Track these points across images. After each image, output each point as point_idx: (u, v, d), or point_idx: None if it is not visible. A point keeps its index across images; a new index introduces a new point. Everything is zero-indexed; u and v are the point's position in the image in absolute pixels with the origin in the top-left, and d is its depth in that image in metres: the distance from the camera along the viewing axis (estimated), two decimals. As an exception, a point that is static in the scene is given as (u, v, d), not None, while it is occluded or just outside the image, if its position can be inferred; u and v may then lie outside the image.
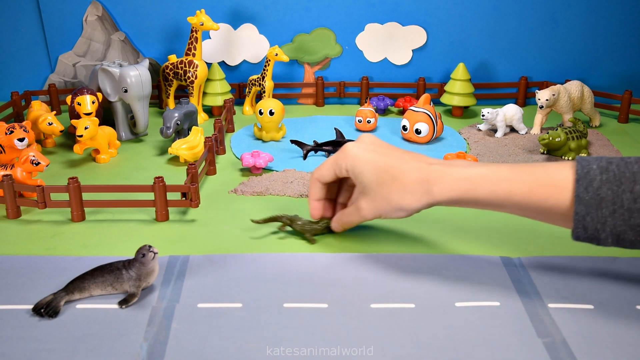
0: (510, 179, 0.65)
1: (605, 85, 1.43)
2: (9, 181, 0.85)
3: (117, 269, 0.68)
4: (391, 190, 0.70)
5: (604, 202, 0.60)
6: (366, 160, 0.72)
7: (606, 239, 0.62)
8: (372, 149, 0.73)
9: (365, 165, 0.72)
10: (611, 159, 0.63)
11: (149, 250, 0.67)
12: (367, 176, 0.72)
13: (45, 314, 0.64)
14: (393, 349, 0.60)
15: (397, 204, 0.70)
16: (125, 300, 0.67)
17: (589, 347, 0.60)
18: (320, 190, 0.79)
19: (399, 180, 0.69)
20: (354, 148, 0.74)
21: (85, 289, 0.67)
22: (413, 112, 1.16)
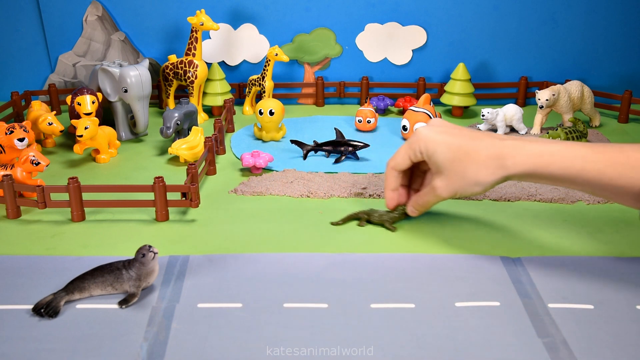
0: (585, 157, 0.67)
1: (605, 85, 1.43)
2: (9, 181, 0.85)
3: (117, 269, 0.68)
4: (466, 166, 0.72)
5: None
6: (438, 140, 0.75)
7: None
8: (443, 130, 0.76)
9: (438, 145, 0.75)
10: None
11: (149, 250, 0.67)
12: (441, 155, 0.74)
13: (45, 314, 0.64)
14: (393, 349, 0.60)
15: (473, 178, 0.72)
16: (125, 300, 0.67)
17: (589, 347, 0.60)
18: (396, 179, 0.82)
19: (473, 156, 0.72)
20: (425, 130, 0.77)
21: (85, 289, 0.67)
22: (413, 112, 1.16)
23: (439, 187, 0.76)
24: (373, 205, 0.90)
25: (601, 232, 0.84)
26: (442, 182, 0.76)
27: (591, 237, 0.82)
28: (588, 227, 0.85)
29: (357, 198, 0.95)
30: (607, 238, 0.82)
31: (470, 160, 0.72)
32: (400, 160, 0.80)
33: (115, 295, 0.68)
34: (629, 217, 0.88)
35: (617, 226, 0.86)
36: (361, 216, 0.86)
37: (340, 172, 1.04)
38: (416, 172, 0.86)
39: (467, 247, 0.80)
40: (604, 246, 0.80)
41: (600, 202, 0.93)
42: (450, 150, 0.74)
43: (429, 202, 0.80)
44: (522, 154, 0.70)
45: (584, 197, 0.94)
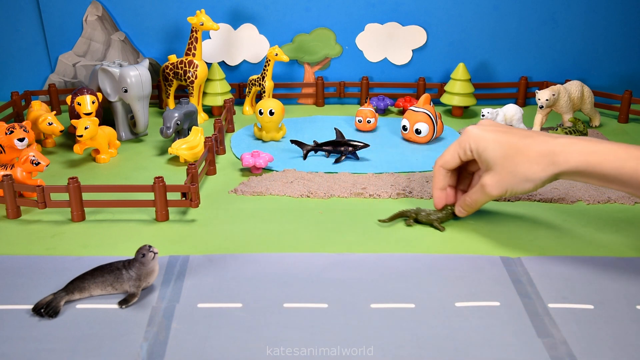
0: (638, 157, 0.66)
1: (605, 85, 1.43)
2: (9, 181, 0.85)
3: (117, 269, 0.68)
4: (517, 163, 0.72)
5: None
6: (489, 138, 0.75)
7: None
8: (492, 129, 0.76)
9: (489, 142, 0.75)
10: None
11: (149, 250, 0.67)
12: (491, 152, 0.74)
13: (45, 314, 0.64)
14: (393, 349, 0.60)
15: (524, 175, 0.72)
16: (125, 300, 0.67)
17: (589, 347, 0.60)
18: (444, 179, 0.82)
19: (524, 153, 0.72)
20: (475, 129, 0.77)
21: (85, 289, 0.67)
22: (413, 112, 1.16)
23: (489, 185, 0.76)
24: (375, 204, 0.90)
25: (601, 232, 0.84)
26: (493, 179, 0.75)
27: (591, 237, 0.82)
28: (588, 227, 0.85)
29: (357, 198, 0.95)
30: (607, 238, 0.82)
31: (521, 157, 0.72)
32: (450, 158, 0.80)
33: (115, 295, 0.68)
34: (629, 217, 0.88)
35: (617, 226, 0.86)
36: (409, 214, 0.85)
37: (340, 172, 1.04)
38: (464, 174, 0.86)
39: (467, 247, 0.80)
40: (604, 246, 0.80)
41: (600, 202, 0.93)
42: (501, 147, 0.74)
43: (478, 201, 0.80)
44: (574, 151, 0.69)
45: (584, 197, 0.94)
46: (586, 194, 0.95)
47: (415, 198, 0.95)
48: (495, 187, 0.76)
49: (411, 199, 0.94)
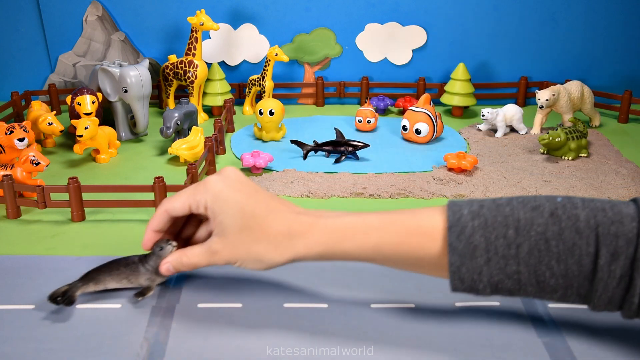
0: (379, 229, 0.60)
1: (605, 85, 1.43)
2: (9, 181, 0.85)
3: (133, 263, 0.68)
4: (255, 239, 0.62)
5: (478, 250, 0.56)
6: (230, 200, 0.63)
7: (484, 289, 0.57)
8: (238, 187, 0.64)
9: (229, 206, 0.63)
10: (483, 202, 0.59)
11: (167, 244, 0.67)
12: (230, 219, 0.62)
13: (62, 302, 0.64)
14: (393, 349, 0.60)
15: (258, 255, 0.63)
16: (141, 293, 0.67)
17: (589, 347, 0.60)
18: (164, 223, 0.67)
19: (264, 230, 0.62)
20: (218, 183, 0.64)
21: (100, 281, 0.67)
22: (413, 112, 1.16)
23: (219, 253, 0.64)
24: (375, 204, 0.90)
25: (601, 232, 0.84)
26: (224, 249, 0.64)
27: (591, 237, 0.82)
28: (588, 227, 0.85)
29: (357, 198, 0.95)
30: (607, 238, 0.82)
31: (260, 234, 0.62)
32: (179, 205, 0.65)
33: (115, 296, 0.68)
34: (629, 217, 0.88)
35: (617, 226, 0.85)
36: None
37: (340, 172, 1.04)
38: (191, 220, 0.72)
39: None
40: (604, 246, 0.80)
41: (600, 202, 0.93)
42: (242, 216, 0.62)
43: (198, 265, 0.66)
44: (315, 233, 0.61)
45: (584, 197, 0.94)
46: (586, 194, 0.95)
47: (415, 198, 0.95)
48: (225, 257, 0.64)
49: (412, 199, 0.94)
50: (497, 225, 0.56)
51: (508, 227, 0.56)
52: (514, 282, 0.56)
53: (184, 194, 0.65)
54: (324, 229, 0.62)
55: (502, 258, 0.56)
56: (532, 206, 0.57)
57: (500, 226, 0.56)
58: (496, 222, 0.56)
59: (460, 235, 0.57)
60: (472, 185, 0.98)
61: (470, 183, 0.99)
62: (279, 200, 0.65)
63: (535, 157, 1.11)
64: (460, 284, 0.58)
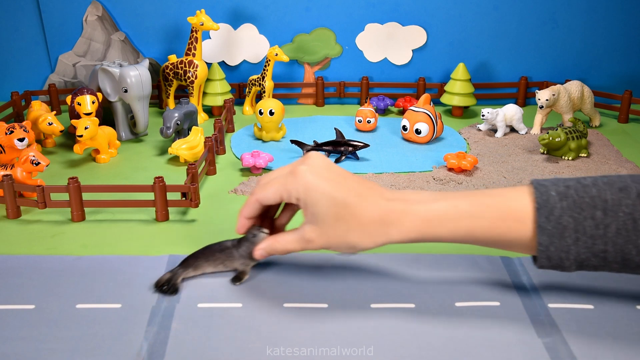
0: (470, 215, 0.63)
1: (605, 85, 1.43)
2: (9, 181, 0.85)
3: (227, 248, 0.71)
4: (349, 228, 0.64)
5: (567, 230, 0.59)
6: (321, 190, 0.64)
7: (570, 267, 0.61)
8: (327, 176, 0.65)
9: (321, 197, 0.64)
10: (568, 182, 0.61)
11: (260, 231, 0.70)
12: (323, 209, 0.64)
13: (167, 291, 0.68)
14: (393, 349, 0.60)
15: (352, 242, 0.64)
16: (238, 278, 0.71)
17: (589, 347, 0.60)
18: (256, 211, 0.70)
19: (357, 219, 0.64)
20: (308, 174, 0.65)
21: (199, 266, 0.71)
22: (413, 112, 1.16)
23: (313, 240, 0.66)
24: None
25: (601, 232, 0.84)
26: (318, 236, 0.65)
27: (591, 237, 0.82)
28: (588, 227, 0.85)
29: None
30: (607, 238, 0.82)
31: (354, 222, 0.64)
32: (271, 196, 0.67)
33: (114, 296, 0.68)
34: (629, 217, 0.88)
35: (617, 226, 0.85)
36: None
37: (340, 172, 1.03)
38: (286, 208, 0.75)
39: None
40: (604, 246, 0.80)
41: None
42: (335, 205, 0.63)
43: (290, 251, 0.69)
44: (407, 221, 0.63)
45: None
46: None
47: (415, 198, 0.95)
48: (319, 244, 0.66)
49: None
50: (585, 206, 0.59)
51: (596, 208, 0.59)
52: (600, 260, 0.60)
53: (275, 184, 0.67)
54: (416, 216, 0.64)
55: (590, 238, 0.59)
56: (619, 187, 0.59)
57: (588, 207, 0.59)
58: (584, 203, 0.59)
59: (549, 216, 0.59)
60: (472, 186, 0.98)
61: (470, 183, 0.99)
62: (367, 184, 0.67)
63: (535, 157, 1.11)
64: (548, 262, 0.61)
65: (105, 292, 0.69)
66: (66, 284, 0.70)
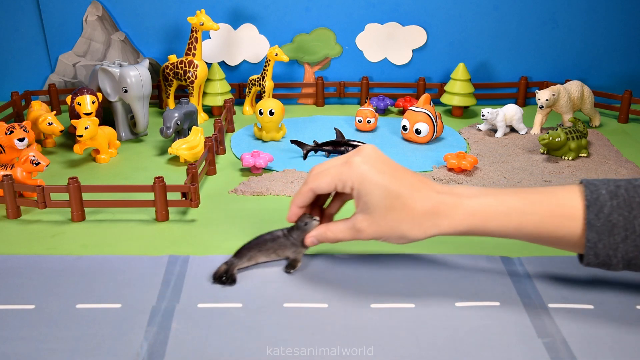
0: (521, 211, 0.64)
1: (605, 85, 1.43)
2: (9, 181, 0.85)
3: (279, 237, 0.73)
4: (400, 219, 0.66)
5: (616, 228, 0.60)
6: (376, 182, 0.66)
7: (617, 265, 0.62)
8: (381, 168, 0.67)
9: (374, 187, 0.66)
10: (619, 182, 0.62)
11: (312, 219, 0.72)
12: (376, 199, 0.66)
13: (226, 281, 0.70)
14: (393, 349, 0.60)
15: (402, 233, 0.67)
16: (291, 265, 0.73)
17: (589, 347, 0.60)
18: (309, 199, 0.72)
19: (409, 210, 0.66)
20: (362, 165, 0.67)
21: (252, 257, 0.73)
22: (413, 112, 1.16)
23: (364, 230, 0.68)
24: None
25: (601, 232, 0.84)
26: (370, 226, 0.67)
27: (591, 237, 0.82)
28: (588, 227, 0.85)
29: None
30: (607, 238, 0.82)
31: (406, 213, 0.66)
32: (324, 185, 0.69)
33: (114, 296, 0.68)
34: (629, 217, 0.88)
35: (617, 226, 0.85)
36: None
37: (340, 172, 1.03)
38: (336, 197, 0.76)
39: (467, 247, 0.80)
40: (604, 246, 0.80)
41: (600, 202, 0.93)
42: (388, 196, 0.66)
43: (341, 240, 0.71)
44: (458, 214, 0.65)
45: (584, 197, 0.94)
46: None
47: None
48: (370, 234, 0.68)
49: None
50: (635, 205, 0.61)
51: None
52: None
53: (329, 174, 0.69)
54: (467, 210, 0.65)
55: (639, 236, 0.60)
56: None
57: (638, 206, 0.61)
58: (634, 203, 0.61)
59: (599, 213, 0.61)
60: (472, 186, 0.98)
61: (470, 183, 0.99)
62: (419, 178, 0.69)
63: (535, 157, 1.11)
64: (595, 259, 0.62)
65: (105, 292, 0.69)
66: (66, 284, 0.70)
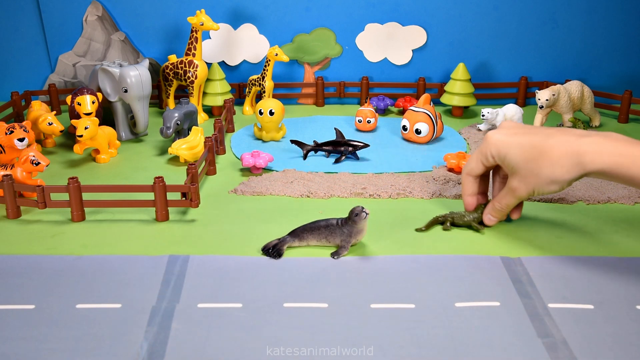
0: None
1: (605, 85, 1.43)
2: (9, 181, 0.85)
3: (332, 225, 0.77)
4: (541, 165, 0.73)
5: None
6: (510, 142, 0.75)
7: None
8: (513, 132, 0.77)
9: (510, 147, 0.75)
10: None
11: (362, 211, 0.75)
12: (514, 157, 0.75)
13: (272, 254, 0.75)
14: (393, 349, 0.60)
15: (549, 177, 0.72)
16: (337, 252, 0.76)
17: (589, 347, 0.60)
18: (472, 185, 0.83)
19: (547, 155, 0.72)
20: (495, 135, 0.77)
21: (304, 238, 0.77)
22: (413, 112, 1.16)
23: (517, 188, 0.77)
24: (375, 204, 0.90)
25: (601, 232, 0.84)
26: (519, 182, 0.76)
27: (591, 237, 0.83)
28: (588, 227, 0.85)
29: (357, 198, 0.95)
30: (607, 238, 0.82)
31: (544, 159, 0.72)
32: (474, 165, 0.81)
33: (114, 296, 0.68)
34: (629, 217, 0.88)
35: (617, 226, 0.86)
36: (445, 219, 0.84)
37: (340, 172, 1.04)
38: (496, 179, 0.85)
39: (467, 247, 0.80)
40: (604, 246, 0.80)
41: (600, 202, 0.93)
42: (523, 151, 0.74)
43: (508, 205, 0.80)
44: (603, 153, 0.70)
45: (584, 197, 0.94)
46: (586, 194, 0.95)
47: (415, 198, 0.95)
48: (523, 189, 0.76)
49: (412, 199, 0.94)
50: None
51: None
52: None
53: (474, 155, 0.81)
54: (610, 151, 0.69)
55: None
56: None
57: None
58: None
59: None
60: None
61: (470, 183, 0.99)
62: (557, 129, 0.75)
63: (535, 157, 1.11)
64: None
65: (105, 292, 0.69)
66: (66, 284, 0.70)
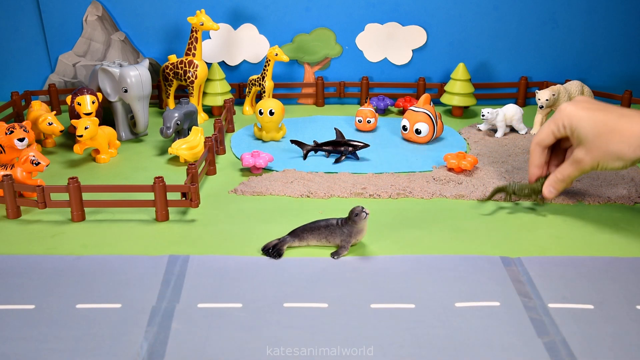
0: None
1: (605, 85, 1.43)
2: (9, 181, 0.85)
3: (332, 225, 0.77)
4: (609, 141, 0.76)
5: None
6: (582, 115, 0.79)
7: None
8: (586, 106, 0.79)
9: (582, 120, 0.78)
10: None
11: (362, 211, 0.75)
12: (585, 129, 0.78)
13: (272, 254, 0.75)
14: (393, 349, 0.60)
15: (615, 153, 0.76)
16: (337, 252, 0.76)
17: (589, 347, 0.60)
18: (540, 156, 0.86)
19: (618, 132, 0.75)
20: (569, 107, 0.80)
21: (304, 238, 0.77)
22: (413, 112, 1.16)
23: (582, 160, 0.79)
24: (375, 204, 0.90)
25: (601, 232, 0.84)
26: (585, 155, 0.79)
27: (591, 237, 0.83)
28: (588, 227, 0.85)
29: (357, 198, 0.95)
30: (607, 238, 0.82)
31: (614, 135, 0.75)
32: (545, 135, 0.84)
33: (114, 296, 0.68)
34: (629, 217, 0.88)
35: (617, 226, 0.86)
36: (508, 190, 0.89)
37: (340, 172, 1.04)
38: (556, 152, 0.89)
39: (467, 247, 0.80)
40: (604, 246, 0.80)
41: (600, 202, 0.93)
42: (595, 124, 0.77)
43: (570, 176, 0.83)
44: None
45: (584, 197, 0.94)
46: (586, 194, 0.95)
47: (415, 198, 0.95)
48: (588, 162, 0.79)
49: (412, 199, 0.94)
50: None
51: None
52: None
53: (546, 125, 0.84)
54: None
55: None
56: None
57: None
58: None
59: None
60: (472, 185, 0.98)
61: (470, 183, 0.99)
62: (631, 110, 0.78)
63: (535, 157, 1.11)
64: None
65: (105, 292, 0.69)
66: (66, 284, 0.70)
